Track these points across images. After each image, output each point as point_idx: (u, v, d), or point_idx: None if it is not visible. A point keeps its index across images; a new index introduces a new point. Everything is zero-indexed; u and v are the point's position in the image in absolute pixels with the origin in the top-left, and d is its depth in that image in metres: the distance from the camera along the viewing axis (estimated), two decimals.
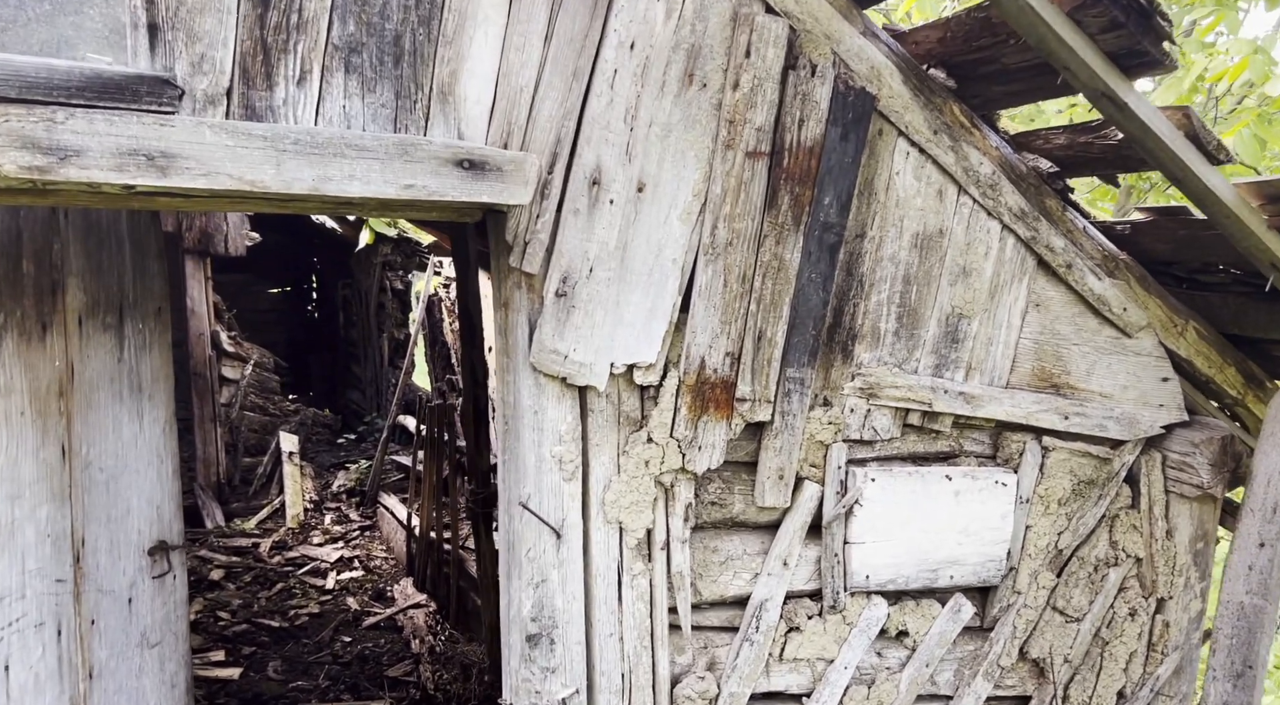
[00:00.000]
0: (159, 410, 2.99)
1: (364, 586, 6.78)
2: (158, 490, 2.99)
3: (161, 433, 3.01)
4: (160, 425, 3.01)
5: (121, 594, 2.82)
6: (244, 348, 8.35)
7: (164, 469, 3.03)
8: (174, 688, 3.07)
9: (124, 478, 2.83)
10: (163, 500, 3.02)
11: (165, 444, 3.04)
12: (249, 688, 5.04)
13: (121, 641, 2.82)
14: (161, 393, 3.01)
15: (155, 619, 2.97)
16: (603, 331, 2.16)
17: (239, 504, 8.12)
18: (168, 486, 3.04)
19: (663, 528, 2.28)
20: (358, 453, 9.62)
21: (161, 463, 3.02)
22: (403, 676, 5.33)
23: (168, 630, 3.03)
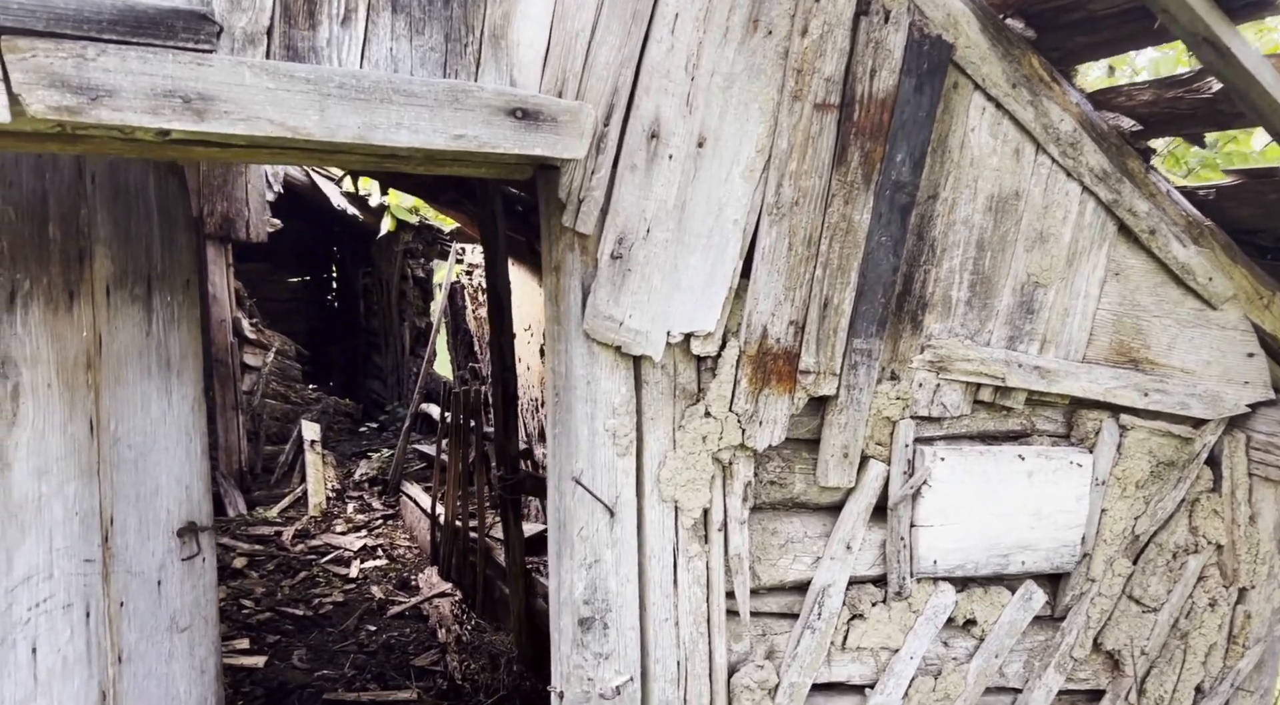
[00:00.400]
0: (187, 387, 2.88)
1: (388, 575, 6.69)
2: (186, 470, 2.88)
3: (190, 411, 2.91)
4: (189, 403, 2.90)
5: (150, 576, 2.72)
6: (265, 335, 8.28)
7: (193, 448, 2.92)
8: (203, 674, 2.97)
9: (152, 455, 2.72)
10: (191, 480, 2.91)
11: (194, 422, 2.93)
12: (274, 676, 4.95)
13: (151, 625, 2.71)
14: (190, 369, 2.90)
15: (185, 602, 2.87)
16: (659, 297, 2.02)
17: (261, 492, 8.05)
18: (197, 466, 2.94)
19: (720, 507, 2.14)
20: (379, 442, 9.55)
21: (190, 441, 2.91)
22: (429, 666, 5.23)
23: (197, 614, 2.93)
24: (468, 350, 8.34)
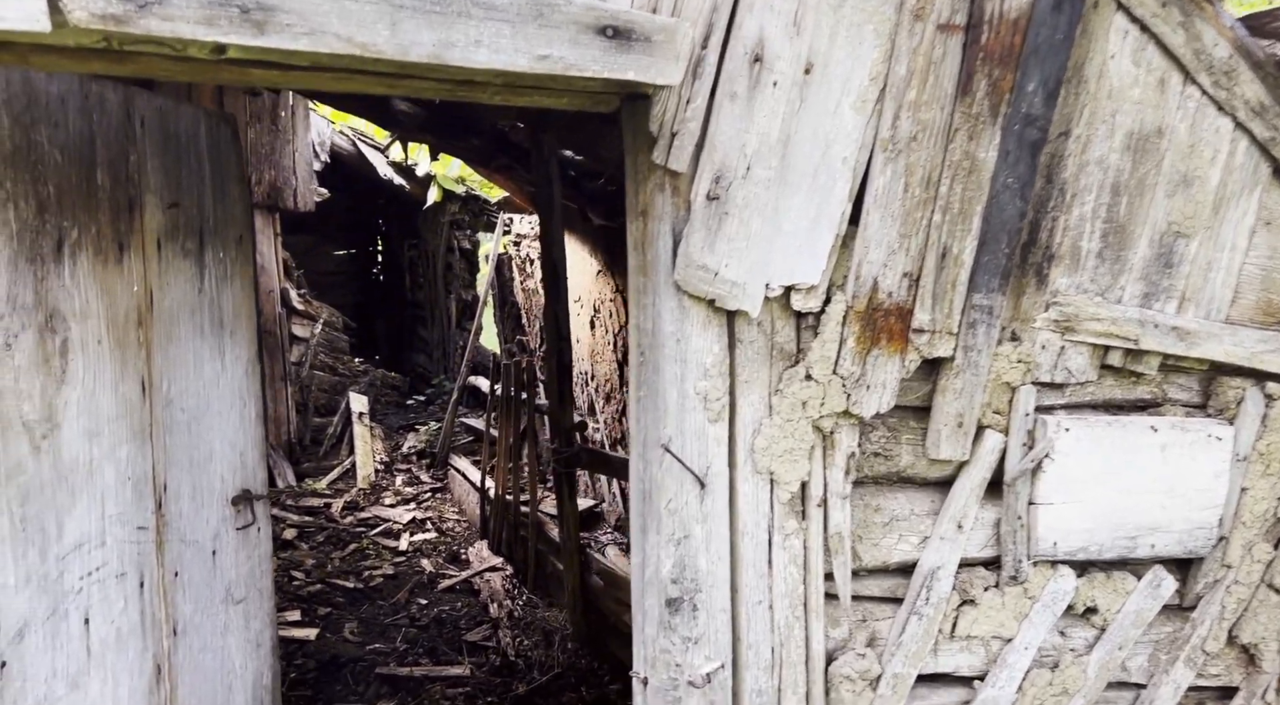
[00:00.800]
0: (241, 348, 2.74)
1: (437, 548, 6.60)
2: (240, 435, 2.75)
3: (244, 373, 2.76)
4: (243, 365, 2.75)
5: (205, 545, 2.59)
6: (313, 306, 8.21)
7: (247, 412, 2.78)
8: (259, 647, 2.85)
9: (206, 419, 2.58)
10: (246, 446, 2.77)
11: (248, 385, 2.79)
12: (326, 649, 4.87)
13: (206, 596, 2.58)
14: (244, 329, 2.75)
15: (240, 573, 2.74)
16: (759, 245, 1.80)
17: (309, 464, 8.01)
18: (251, 431, 2.80)
19: (820, 481, 1.93)
20: (425, 415, 9.48)
21: (244, 405, 2.77)
22: (481, 641, 5.11)
23: (252, 586, 2.80)
24: (515, 323, 8.19)
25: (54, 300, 2.04)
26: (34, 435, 1.99)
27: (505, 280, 8.29)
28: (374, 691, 4.54)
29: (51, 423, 2.03)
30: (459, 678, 4.65)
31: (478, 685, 4.58)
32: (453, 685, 4.58)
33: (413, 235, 10.63)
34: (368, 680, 4.64)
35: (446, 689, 4.54)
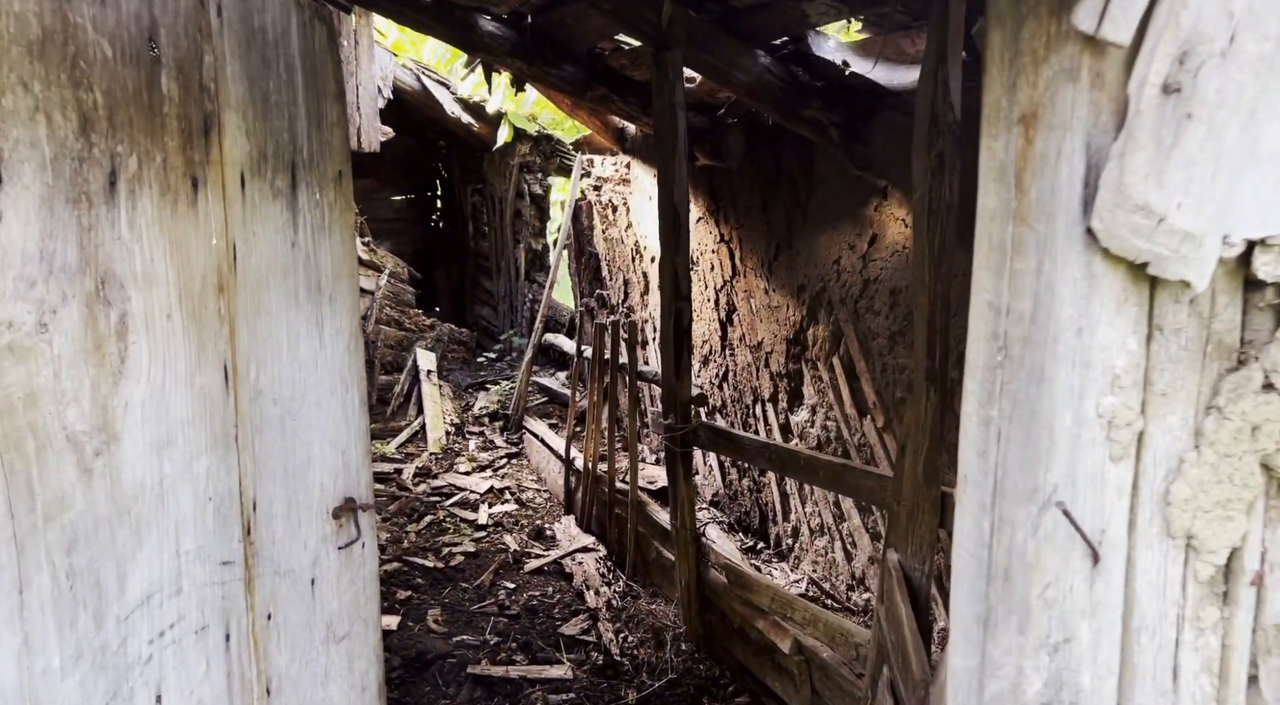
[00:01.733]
0: (342, 318, 2.12)
1: (520, 523, 6.08)
2: (343, 430, 2.14)
3: (346, 350, 2.15)
4: (345, 339, 2.14)
5: (302, 575, 2.01)
6: (378, 255, 7.63)
7: (349, 400, 2.17)
8: (364, 690, 2.28)
9: (303, 414, 1.98)
10: (349, 443, 2.17)
11: (350, 365, 2.17)
12: (410, 642, 4.37)
13: (304, 639, 2.01)
14: (345, 294, 2.13)
15: (343, 604, 2.16)
16: (1228, 170, 1.11)
17: (377, 425, 7.53)
18: (354, 424, 2.19)
19: (1256, 547, 1.27)
20: (494, 373, 8.94)
21: (346, 391, 2.16)
22: (580, 636, 4.59)
23: (356, 617, 2.23)
24: (594, 275, 7.54)
25: (107, 259, 1.43)
26: (83, 453, 1.39)
27: (583, 229, 7.61)
28: (466, 694, 4.03)
29: (107, 434, 1.44)
30: (560, 681, 4.12)
31: (582, 690, 4.05)
32: (554, 689, 4.06)
33: (477, 180, 9.97)
34: (458, 680, 4.14)
35: (548, 694, 4.02)
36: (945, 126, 2.62)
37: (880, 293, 4.21)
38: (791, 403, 5.09)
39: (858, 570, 4.66)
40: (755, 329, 5.39)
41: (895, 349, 4.15)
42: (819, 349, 4.74)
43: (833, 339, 4.62)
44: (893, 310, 4.14)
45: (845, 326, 4.49)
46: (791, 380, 5.05)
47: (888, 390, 4.23)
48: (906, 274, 4.04)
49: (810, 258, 4.74)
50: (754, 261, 5.29)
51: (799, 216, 4.79)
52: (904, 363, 4.10)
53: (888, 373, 4.22)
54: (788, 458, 3.61)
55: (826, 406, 4.75)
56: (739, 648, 4.04)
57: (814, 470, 3.47)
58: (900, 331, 4.10)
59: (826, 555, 4.92)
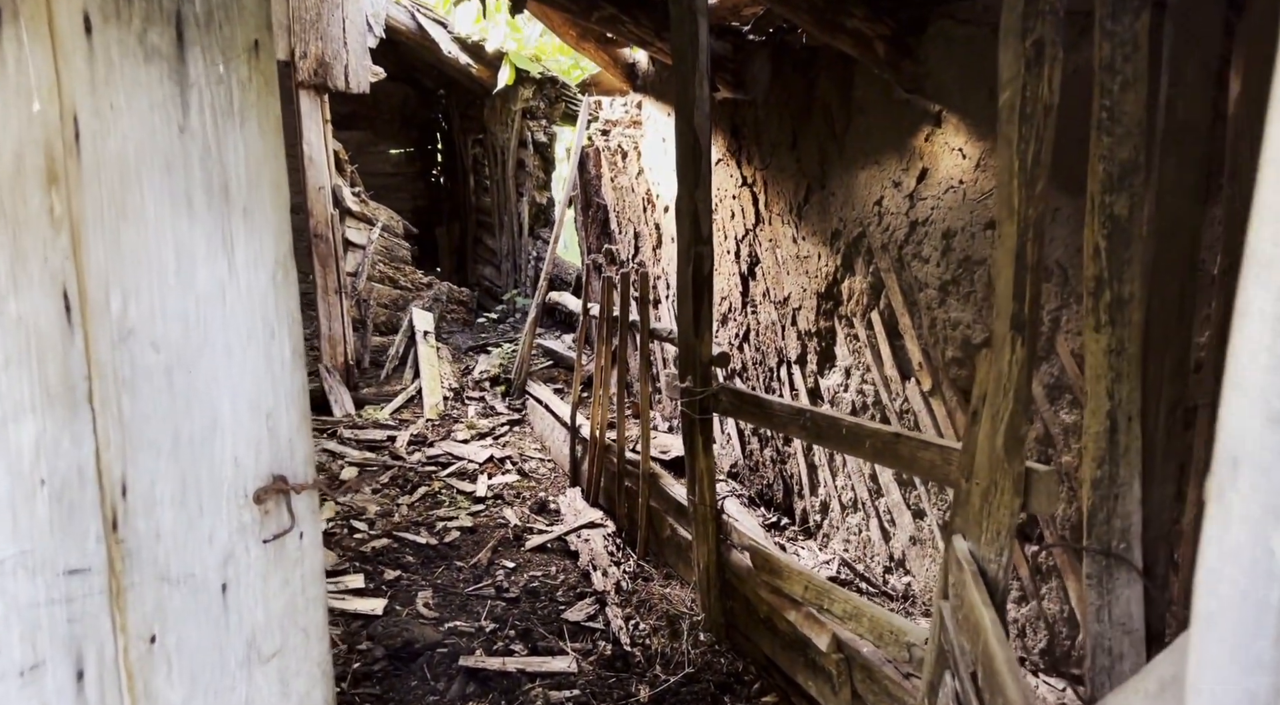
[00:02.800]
0: (264, 241, 1.59)
1: (521, 495, 5.60)
2: (266, 388, 1.62)
3: (271, 284, 1.62)
4: (268, 269, 1.61)
5: (207, 579, 1.50)
6: (370, 207, 7.08)
7: (277, 351, 1.65)
8: None
9: (204, 365, 1.46)
10: (278, 406, 1.65)
11: (278, 304, 1.65)
12: (396, 629, 3.91)
13: (212, 664, 1.51)
14: (268, 208, 1.60)
15: (271, 612, 1.66)
16: None
17: (370, 389, 7.04)
18: (286, 381, 1.67)
19: None
20: (496, 335, 8.42)
21: (272, 338, 1.64)
22: (586, 622, 4.11)
23: (292, 627, 1.73)
24: (602, 228, 6.98)
25: None
26: None
27: (590, 178, 7.04)
28: (458, 689, 3.57)
29: None
30: (563, 675, 3.65)
31: (588, 685, 3.58)
32: (556, 684, 3.58)
33: (477, 129, 9.37)
34: (449, 673, 3.67)
35: (549, 690, 3.55)
36: (1045, 7, 2.07)
37: (930, 236, 3.66)
38: (822, 365, 4.56)
39: (896, 551, 4.16)
40: (781, 283, 4.84)
41: (947, 301, 3.61)
42: (855, 303, 4.20)
43: (871, 292, 4.07)
44: (945, 256, 3.59)
45: (887, 277, 3.94)
46: (822, 339, 4.51)
47: (936, 348, 3.69)
48: (964, 213, 3.48)
49: (847, 199, 4.17)
50: (780, 206, 4.72)
51: (834, 152, 4.22)
52: (957, 317, 3.55)
53: (937, 328, 3.67)
54: (826, 425, 3.09)
55: (863, 368, 4.22)
56: (765, 640, 3.56)
57: (858, 440, 2.94)
58: (954, 280, 3.56)
59: (860, 534, 4.42)
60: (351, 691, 3.51)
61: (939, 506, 3.85)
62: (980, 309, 3.45)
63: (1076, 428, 3.12)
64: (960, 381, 3.61)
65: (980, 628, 2.09)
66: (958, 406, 3.65)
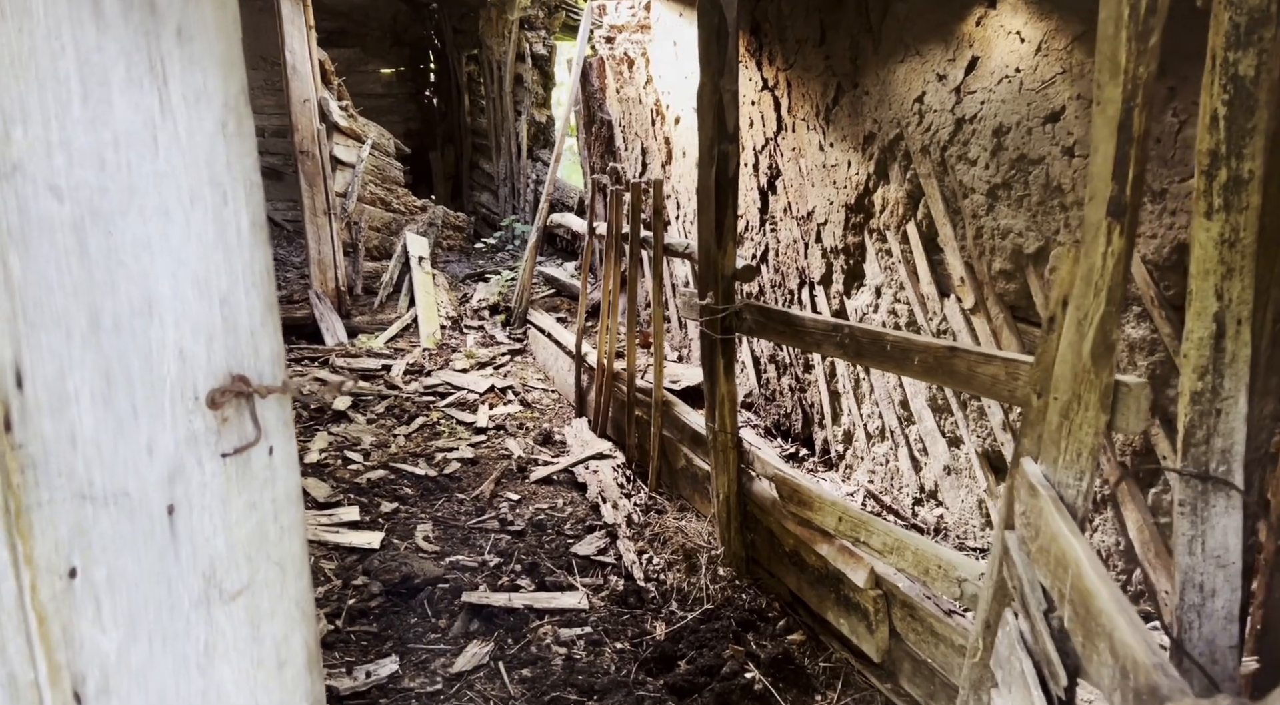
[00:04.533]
0: (208, 78, 1.25)
1: (524, 426, 5.31)
2: (219, 264, 1.29)
3: (219, 130, 1.28)
4: (215, 114, 1.27)
5: (147, 498, 1.20)
6: (359, 122, 6.64)
7: (232, 218, 1.32)
8: (281, 667, 1.51)
9: (129, 224, 1.13)
10: (234, 288, 1.33)
11: (229, 157, 1.31)
12: (394, 563, 3.65)
13: (157, 601, 1.22)
14: (211, 31, 1.25)
15: (234, 541, 1.36)
16: None
17: (363, 317, 6.71)
18: (245, 258, 1.35)
19: None
20: (495, 262, 8.05)
21: (225, 204, 1.31)
22: (596, 556, 3.86)
23: (263, 559, 1.43)
24: (606, 146, 6.56)
25: None
26: None
27: (593, 91, 6.59)
28: (461, 626, 3.33)
29: None
30: (573, 611, 3.41)
31: (600, 622, 3.33)
32: (566, 622, 3.34)
33: (472, 44, 8.83)
34: (451, 609, 3.43)
35: (559, 627, 3.31)
36: None
37: (980, 134, 3.29)
38: (849, 284, 4.22)
39: (928, 482, 3.89)
40: (805, 196, 4.47)
41: (996, 207, 3.26)
42: (889, 215, 3.85)
43: (908, 201, 3.72)
44: (995, 157, 3.23)
45: (926, 183, 3.58)
46: (850, 257, 4.17)
47: (981, 261, 3.36)
48: (1019, 106, 3.11)
49: (883, 98, 3.78)
50: (806, 110, 4.33)
51: (869, 45, 3.81)
52: (1008, 224, 3.21)
53: (983, 239, 3.33)
54: (868, 341, 2.77)
55: (895, 286, 3.89)
56: (790, 575, 3.31)
57: (905, 356, 2.63)
58: (1004, 184, 3.20)
59: (887, 464, 4.15)
60: (347, 629, 3.27)
61: (978, 433, 3.57)
62: (1035, 215, 3.11)
63: (1145, 343, 2.80)
64: (1009, 296, 3.29)
65: (1069, 560, 1.80)
66: (1004, 324, 3.33)
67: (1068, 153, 2.94)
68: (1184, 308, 2.72)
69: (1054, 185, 3.00)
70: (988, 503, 3.58)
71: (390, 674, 3.03)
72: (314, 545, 3.81)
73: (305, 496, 4.24)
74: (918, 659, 2.75)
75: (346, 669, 3.03)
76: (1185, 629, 2.11)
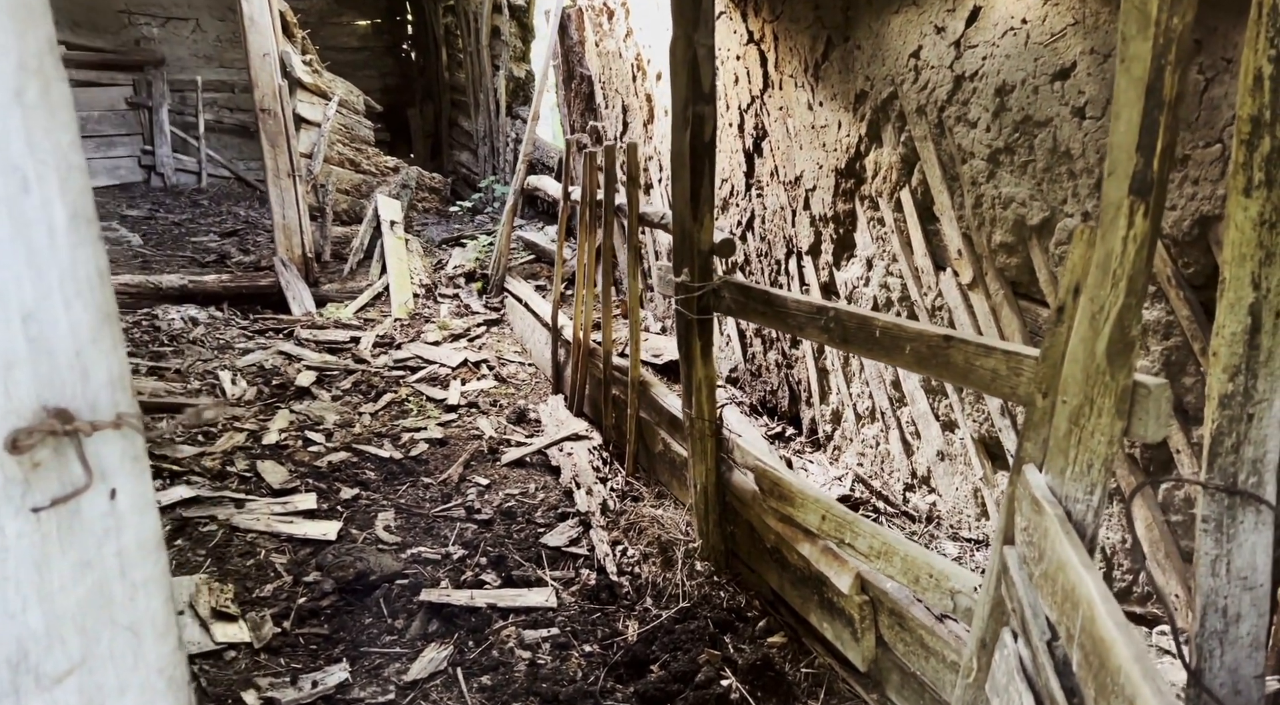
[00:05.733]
0: None
1: (498, 403, 5.06)
2: (19, 270, 1.01)
3: (13, 98, 0.99)
4: (3, 70, 0.97)
5: None
6: (324, 78, 6.27)
7: (36, 210, 1.03)
8: None
9: None
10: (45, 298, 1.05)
11: (30, 133, 1.02)
12: (350, 558, 3.41)
13: None
14: None
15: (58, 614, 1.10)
16: None
17: (332, 285, 6.41)
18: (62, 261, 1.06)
19: None
20: (473, 226, 7.72)
21: (25, 190, 1.01)
22: (567, 547, 3.64)
23: (104, 627, 1.18)
24: (586, 103, 6.21)
25: None
26: None
27: (571, 45, 6.22)
28: (419, 627, 3.11)
29: None
30: (540, 610, 3.19)
31: (567, 622, 3.12)
32: (532, 622, 3.12)
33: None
34: (409, 609, 3.21)
35: (523, 628, 3.09)
36: None
37: (981, 94, 2.99)
38: (839, 255, 3.94)
39: (920, 467, 3.66)
40: (792, 159, 4.17)
41: (998, 174, 2.97)
42: (881, 181, 3.55)
43: (902, 166, 3.42)
44: (997, 118, 2.94)
45: (922, 146, 3.28)
46: (840, 225, 3.88)
47: (980, 232, 3.08)
48: (1025, 61, 2.81)
49: (875, 53, 3.47)
50: (794, 66, 4.00)
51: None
52: (1010, 192, 2.93)
53: (982, 208, 3.05)
54: (854, 326, 2.50)
55: (888, 258, 3.61)
56: (771, 572, 3.08)
57: (896, 345, 2.37)
58: (1007, 148, 2.91)
59: (878, 447, 3.91)
60: (295, 632, 3.04)
61: (974, 417, 3.32)
62: (1040, 182, 2.82)
63: (1160, 326, 2.54)
64: (1009, 271, 3.02)
65: (1080, 598, 1.56)
66: (1004, 301, 3.06)
67: (1078, 114, 2.64)
68: (1203, 288, 2.47)
69: (1062, 150, 2.71)
70: (984, 491, 3.35)
71: (339, 683, 2.81)
72: (265, 537, 3.58)
73: (259, 483, 3.99)
74: (907, 671, 2.53)
75: (291, 678, 2.81)
76: (1205, 657, 1.88)
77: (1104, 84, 2.54)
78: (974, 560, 3.38)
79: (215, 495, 3.83)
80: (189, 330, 5.71)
